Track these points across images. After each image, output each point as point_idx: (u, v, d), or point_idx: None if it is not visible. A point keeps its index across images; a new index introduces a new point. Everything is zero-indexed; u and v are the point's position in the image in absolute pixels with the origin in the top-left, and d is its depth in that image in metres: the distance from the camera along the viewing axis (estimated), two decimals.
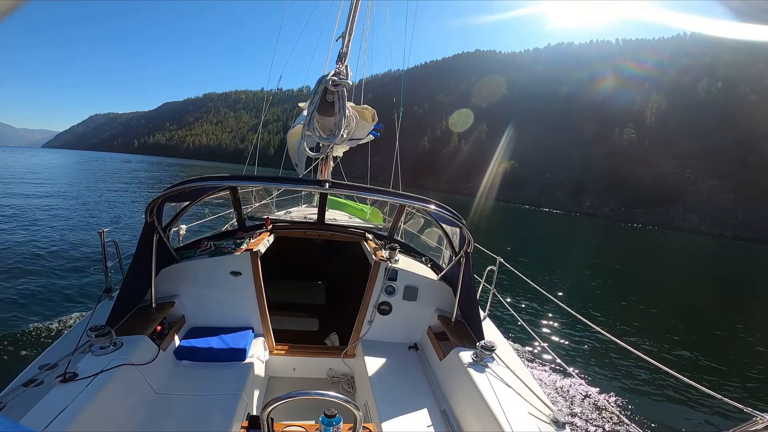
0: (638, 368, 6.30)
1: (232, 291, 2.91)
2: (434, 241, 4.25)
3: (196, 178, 2.33)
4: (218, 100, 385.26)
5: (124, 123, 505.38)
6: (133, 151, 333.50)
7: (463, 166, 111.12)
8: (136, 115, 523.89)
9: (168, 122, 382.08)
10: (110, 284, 2.80)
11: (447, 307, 3.09)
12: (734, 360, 7.66)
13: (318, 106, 2.27)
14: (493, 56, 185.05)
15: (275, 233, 3.67)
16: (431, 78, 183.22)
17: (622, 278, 15.76)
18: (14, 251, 8.86)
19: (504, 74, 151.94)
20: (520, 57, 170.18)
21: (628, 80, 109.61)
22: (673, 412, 5.36)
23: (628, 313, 10.03)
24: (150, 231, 2.49)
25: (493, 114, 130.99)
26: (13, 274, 7.36)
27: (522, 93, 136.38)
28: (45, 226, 11.92)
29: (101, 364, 1.88)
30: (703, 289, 16.32)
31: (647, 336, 8.38)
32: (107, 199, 21.28)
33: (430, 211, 2.56)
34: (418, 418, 2.22)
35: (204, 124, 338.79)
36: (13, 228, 11.27)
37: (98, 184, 29.71)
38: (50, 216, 13.89)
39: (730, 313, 11.91)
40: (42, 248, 9.30)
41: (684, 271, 22.01)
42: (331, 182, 2.24)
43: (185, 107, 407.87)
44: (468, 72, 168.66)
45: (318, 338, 3.70)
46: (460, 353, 2.41)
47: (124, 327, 2.32)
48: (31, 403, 1.59)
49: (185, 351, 2.54)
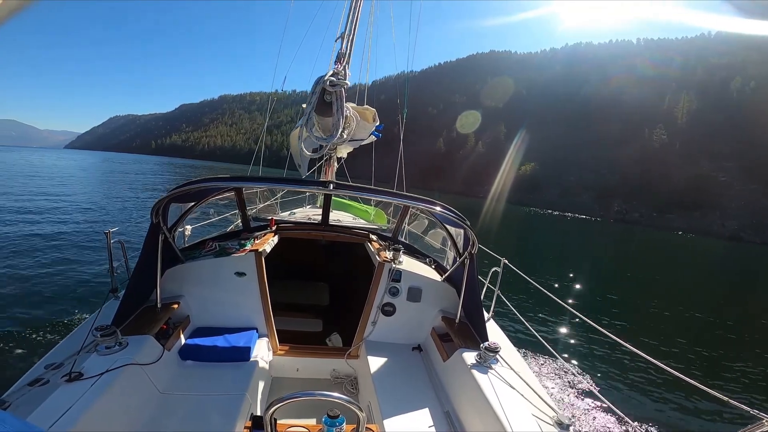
0: (644, 371, 6.24)
1: (236, 291, 2.93)
2: (438, 243, 4.24)
3: (201, 179, 2.35)
4: (233, 102, 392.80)
5: (143, 124, 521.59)
6: (150, 152, 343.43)
7: (480, 168, 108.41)
8: (154, 116, 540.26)
9: (184, 124, 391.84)
10: (116, 284, 2.88)
11: (451, 309, 3.08)
12: (741, 362, 7.58)
13: (316, 106, 2.27)
14: (509, 56, 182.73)
15: (279, 234, 3.70)
16: (445, 78, 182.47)
17: (651, 286, 15.05)
18: (23, 250, 8.99)
19: (521, 74, 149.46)
20: (536, 57, 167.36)
21: (653, 80, 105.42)
22: (678, 414, 5.32)
23: (651, 322, 9.71)
24: (156, 231, 2.51)
25: (511, 114, 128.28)
26: (20, 274, 7.44)
27: (541, 93, 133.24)
28: (53, 226, 12.10)
29: (106, 363, 1.89)
30: (733, 298, 15.43)
31: (661, 342, 8.23)
32: (114, 199, 21.58)
33: (435, 212, 2.55)
34: (422, 419, 2.22)
35: (219, 126, 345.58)
36: (21, 227, 11.48)
37: (108, 185, 30.48)
38: (58, 216, 14.09)
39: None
40: (49, 248, 9.42)
41: (715, 279, 20.72)
42: (335, 183, 2.25)
43: (201, 109, 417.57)
44: (483, 72, 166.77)
45: (322, 339, 3.68)
46: (464, 354, 2.40)
47: (130, 327, 2.35)
48: (37, 402, 1.61)
49: (190, 351, 2.56)
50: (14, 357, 4.61)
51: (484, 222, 30.84)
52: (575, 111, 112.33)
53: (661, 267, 21.04)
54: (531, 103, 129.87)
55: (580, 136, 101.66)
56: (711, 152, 77.03)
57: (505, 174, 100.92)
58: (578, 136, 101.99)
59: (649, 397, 5.64)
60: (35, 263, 8.24)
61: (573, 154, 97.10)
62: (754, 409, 1.44)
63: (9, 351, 4.74)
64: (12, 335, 5.10)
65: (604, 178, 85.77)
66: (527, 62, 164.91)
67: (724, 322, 10.48)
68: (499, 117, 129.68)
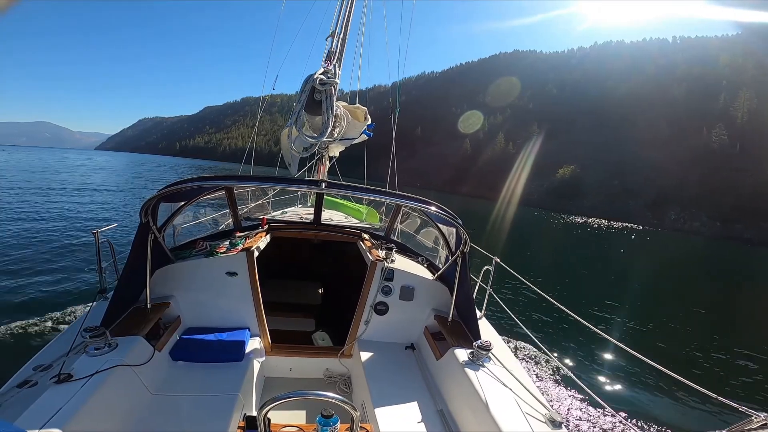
0: (635, 368, 6.34)
1: (228, 291, 2.94)
2: (431, 241, 4.26)
3: (191, 178, 2.36)
4: (255, 104, 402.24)
5: (169, 126, 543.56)
6: (175, 153, 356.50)
7: (510, 172, 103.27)
8: (180, 118, 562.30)
9: (208, 125, 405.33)
10: (105, 285, 2.90)
11: (443, 307, 3.11)
12: (731, 360, 7.67)
13: (305, 104, 2.29)
14: (534, 56, 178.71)
15: (271, 233, 3.71)
16: (468, 79, 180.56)
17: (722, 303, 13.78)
18: (8, 250, 8.87)
19: (550, 74, 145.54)
20: (563, 56, 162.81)
21: (698, 79, 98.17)
22: (669, 411, 5.41)
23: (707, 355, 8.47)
24: (145, 231, 2.50)
25: (542, 114, 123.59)
26: (6, 274, 7.32)
27: (572, 92, 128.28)
28: (41, 226, 12.00)
29: (96, 364, 1.89)
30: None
31: (656, 340, 8.34)
32: (114, 200, 21.73)
33: (428, 211, 2.57)
34: (415, 417, 2.24)
35: (240, 128, 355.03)
36: (10, 227, 11.34)
37: (119, 185, 31.06)
38: (48, 216, 14.02)
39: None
40: (36, 248, 9.31)
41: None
42: (328, 182, 2.27)
43: (224, 111, 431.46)
44: (507, 72, 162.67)
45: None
46: (457, 353, 2.44)
47: (120, 328, 2.35)
48: (26, 404, 1.62)
49: (181, 351, 2.57)
50: (2, 359, 4.47)
51: (518, 230, 28.99)
52: (616, 110, 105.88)
53: (738, 285, 19.59)
54: (563, 103, 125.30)
55: (624, 136, 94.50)
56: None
57: (540, 178, 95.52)
58: (623, 136, 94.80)
59: (639, 394, 5.74)
60: (22, 263, 8.12)
61: (618, 157, 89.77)
62: (743, 406, 1.49)
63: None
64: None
65: (654, 183, 78.17)
66: (553, 61, 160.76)
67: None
68: (529, 117, 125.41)
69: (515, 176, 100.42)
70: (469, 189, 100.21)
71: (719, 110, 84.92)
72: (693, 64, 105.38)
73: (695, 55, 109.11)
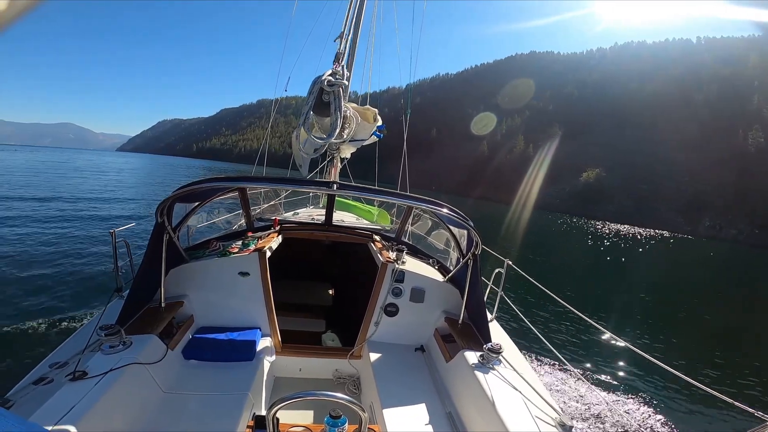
0: (649, 374, 6.25)
1: (240, 291, 2.98)
2: (442, 243, 4.23)
3: (205, 179, 2.43)
4: (270, 106, 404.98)
5: (187, 128, 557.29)
6: (192, 154, 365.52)
7: (528, 174, 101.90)
8: (198, 120, 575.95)
9: (224, 127, 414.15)
10: (121, 283, 2.94)
11: (454, 309, 3.10)
12: (746, 362, 7.61)
13: (314, 106, 2.31)
14: (551, 57, 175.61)
15: (283, 234, 3.76)
16: (484, 80, 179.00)
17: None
18: (28, 249, 9.14)
19: (568, 75, 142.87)
20: (581, 57, 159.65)
21: (726, 79, 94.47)
22: (683, 417, 5.33)
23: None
24: (160, 231, 2.56)
25: (562, 116, 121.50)
26: (25, 272, 7.49)
27: (593, 93, 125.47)
28: (60, 225, 12.32)
29: (111, 362, 1.93)
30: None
31: (669, 346, 8.28)
32: (129, 199, 22.15)
33: (440, 213, 2.56)
34: (424, 420, 2.25)
35: (255, 129, 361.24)
36: (28, 226, 11.66)
37: (133, 186, 32.07)
38: (67, 215, 14.41)
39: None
40: (55, 246, 9.53)
41: None
42: (339, 184, 2.30)
43: (240, 113, 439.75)
44: (524, 74, 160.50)
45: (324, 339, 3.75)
46: (467, 355, 2.43)
47: (134, 326, 2.39)
48: (41, 400, 1.64)
49: (193, 350, 2.61)
50: (19, 356, 4.64)
51: (533, 235, 28.10)
52: (636, 112, 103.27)
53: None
54: (583, 105, 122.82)
55: (651, 138, 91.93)
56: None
57: (561, 181, 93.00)
58: (650, 138, 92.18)
59: (652, 399, 5.62)
60: (41, 261, 8.32)
61: (641, 159, 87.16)
62: (759, 411, 1.47)
63: (14, 349, 4.79)
64: (17, 334, 5.18)
65: (685, 187, 75.77)
66: (572, 62, 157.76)
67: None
68: (548, 118, 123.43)
69: (531, 179, 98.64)
70: (482, 191, 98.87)
71: (753, 111, 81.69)
72: (720, 64, 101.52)
73: (721, 56, 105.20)
